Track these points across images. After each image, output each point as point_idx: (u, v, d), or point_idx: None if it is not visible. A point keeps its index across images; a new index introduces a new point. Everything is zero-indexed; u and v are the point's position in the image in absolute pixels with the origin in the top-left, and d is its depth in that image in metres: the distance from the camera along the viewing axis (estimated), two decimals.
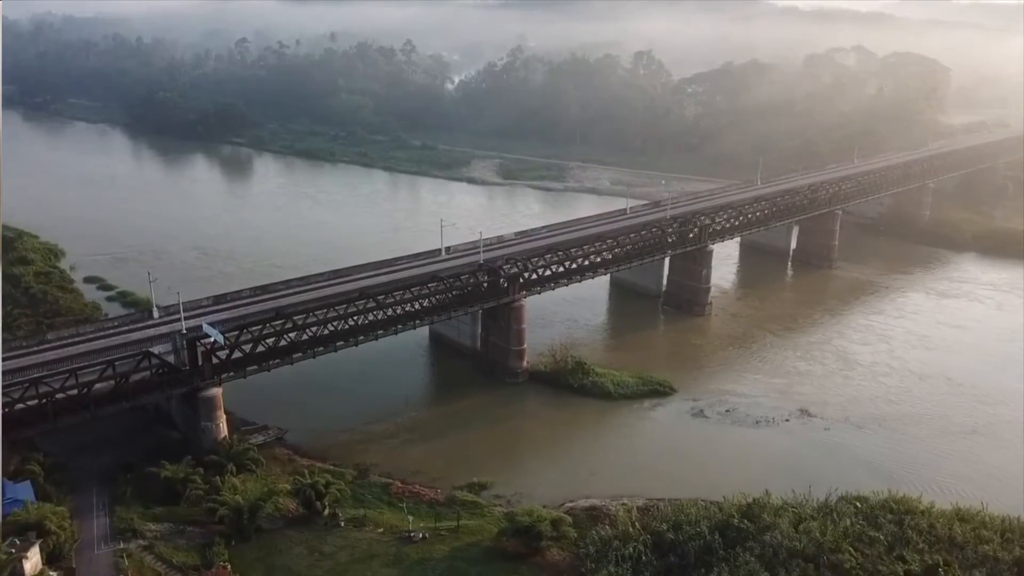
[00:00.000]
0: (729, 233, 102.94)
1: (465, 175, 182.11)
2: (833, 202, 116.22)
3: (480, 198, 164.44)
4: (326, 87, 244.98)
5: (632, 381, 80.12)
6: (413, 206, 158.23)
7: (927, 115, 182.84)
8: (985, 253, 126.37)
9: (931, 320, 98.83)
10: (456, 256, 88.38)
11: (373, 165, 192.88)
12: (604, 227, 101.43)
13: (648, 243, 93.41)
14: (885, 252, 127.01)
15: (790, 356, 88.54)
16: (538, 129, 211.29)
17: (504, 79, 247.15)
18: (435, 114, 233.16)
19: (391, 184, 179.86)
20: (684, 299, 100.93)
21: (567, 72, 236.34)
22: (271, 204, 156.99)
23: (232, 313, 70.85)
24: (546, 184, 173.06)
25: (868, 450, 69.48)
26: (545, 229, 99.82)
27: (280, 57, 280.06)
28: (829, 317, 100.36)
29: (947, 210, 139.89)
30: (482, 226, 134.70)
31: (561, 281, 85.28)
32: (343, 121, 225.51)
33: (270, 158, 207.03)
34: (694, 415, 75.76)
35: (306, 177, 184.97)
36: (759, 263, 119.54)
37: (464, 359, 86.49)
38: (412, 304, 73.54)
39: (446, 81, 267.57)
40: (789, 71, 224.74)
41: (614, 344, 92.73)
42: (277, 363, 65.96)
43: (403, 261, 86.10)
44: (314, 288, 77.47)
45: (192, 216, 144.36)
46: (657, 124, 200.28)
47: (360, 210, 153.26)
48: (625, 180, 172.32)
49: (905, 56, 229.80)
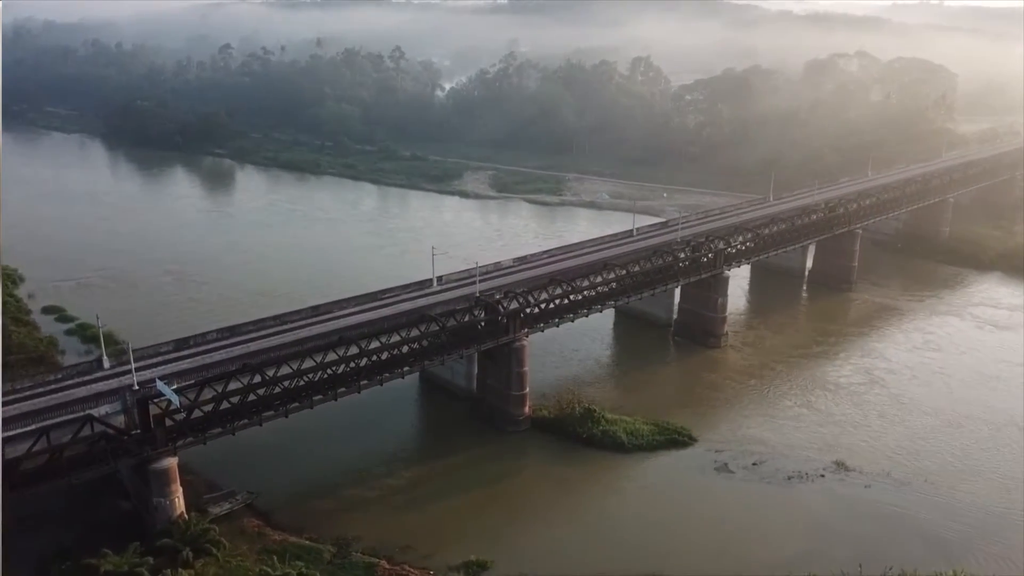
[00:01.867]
0: (745, 257, 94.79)
1: (457, 188, 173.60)
2: (853, 220, 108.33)
3: (473, 213, 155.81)
4: (312, 95, 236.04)
5: (647, 430, 71.72)
6: (419, 224, 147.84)
7: (938, 123, 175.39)
8: (1011, 273, 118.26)
9: (966, 351, 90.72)
10: (449, 287, 79.89)
11: (360, 177, 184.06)
12: (609, 251, 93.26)
13: (659, 271, 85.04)
14: (905, 272, 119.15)
15: (817, 395, 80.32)
16: (533, 139, 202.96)
17: (497, 86, 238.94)
18: (425, 123, 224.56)
19: (380, 198, 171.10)
20: (698, 330, 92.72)
21: (562, 79, 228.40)
22: (262, 223, 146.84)
23: (195, 361, 62.09)
24: (542, 197, 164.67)
25: (920, 514, 61.20)
26: (545, 255, 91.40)
27: (265, 64, 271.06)
28: (854, 348, 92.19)
29: (966, 225, 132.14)
30: (476, 245, 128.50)
31: (566, 316, 76.83)
32: (329, 131, 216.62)
33: (253, 170, 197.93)
34: (718, 470, 67.40)
35: (299, 192, 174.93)
36: (773, 285, 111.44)
37: (458, 403, 77.93)
38: (399, 348, 64.95)
39: (436, 89, 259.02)
40: (792, 77, 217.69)
41: (623, 382, 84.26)
42: (244, 424, 57.25)
43: (390, 294, 77.52)
44: (290, 329, 68.77)
45: (171, 236, 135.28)
46: (657, 133, 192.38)
47: (362, 231, 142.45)
48: (625, 193, 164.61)
49: (910, 61, 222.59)
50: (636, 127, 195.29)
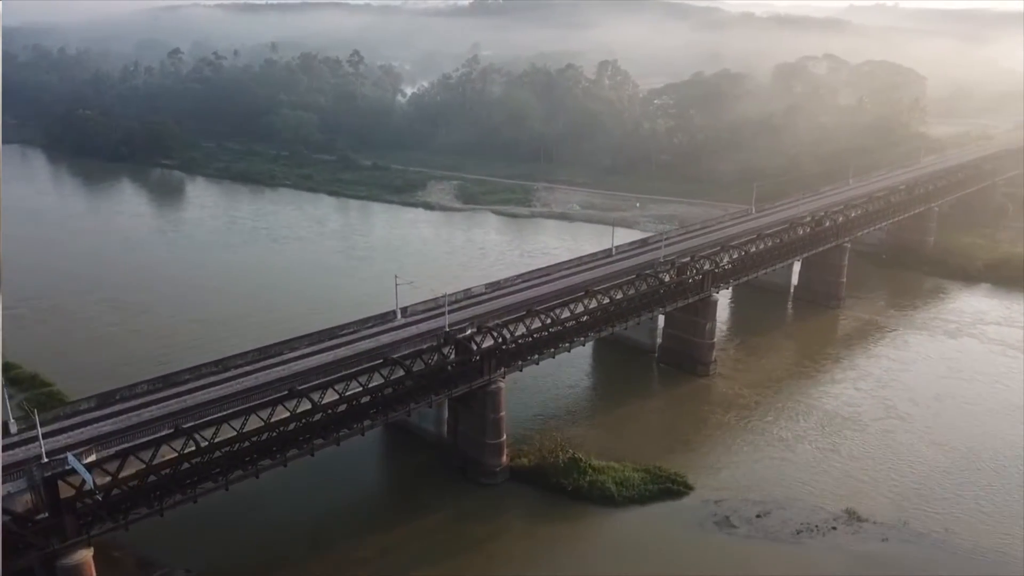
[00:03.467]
0: (734, 277, 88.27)
1: (421, 199, 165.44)
2: (840, 234, 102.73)
3: (439, 228, 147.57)
4: (267, 102, 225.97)
5: (638, 478, 64.61)
6: (391, 241, 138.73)
7: (913, 128, 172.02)
8: (1000, 284, 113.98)
9: (970, 376, 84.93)
10: (415, 320, 72.04)
11: (318, 189, 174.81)
12: (588, 273, 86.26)
13: (644, 296, 78.07)
14: (893, 286, 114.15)
15: (817, 429, 73.97)
16: (499, 146, 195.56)
17: (460, 92, 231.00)
18: (387, 130, 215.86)
19: (341, 212, 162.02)
20: (684, 356, 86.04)
21: (527, 84, 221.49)
22: (222, 243, 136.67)
23: (119, 422, 53.40)
24: (511, 209, 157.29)
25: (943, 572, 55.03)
26: (520, 279, 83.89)
27: (217, 69, 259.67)
28: (850, 373, 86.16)
29: (949, 234, 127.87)
30: (443, 264, 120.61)
31: (546, 351, 69.37)
32: (286, 140, 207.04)
33: (204, 183, 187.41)
34: (719, 524, 60.50)
35: (259, 207, 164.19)
36: (758, 304, 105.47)
37: (427, 450, 70.10)
38: (358, 399, 56.91)
39: (398, 94, 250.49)
40: (761, 82, 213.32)
41: (607, 418, 76.95)
42: (176, 501, 48.81)
43: (348, 330, 69.37)
44: (233, 377, 60.34)
45: (116, 258, 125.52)
46: (627, 140, 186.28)
47: (329, 249, 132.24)
48: (597, 203, 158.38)
49: (879, 65, 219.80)
50: (605, 134, 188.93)
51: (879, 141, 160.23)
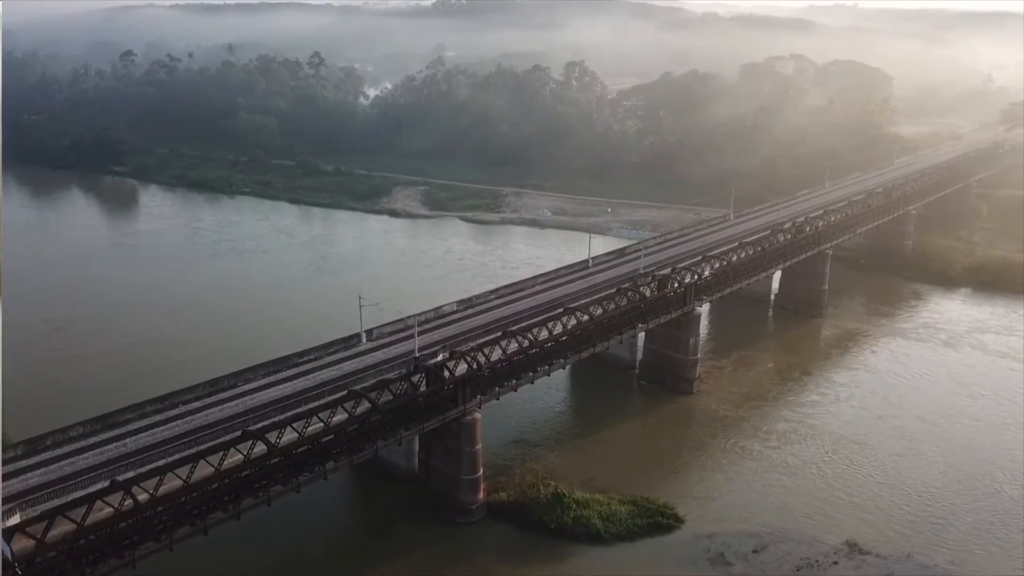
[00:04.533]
0: (717, 289, 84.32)
1: (386, 206, 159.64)
2: (822, 240, 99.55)
3: (411, 238, 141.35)
4: (224, 106, 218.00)
5: (625, 511, 60.14)
6: (363, 252, 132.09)
7: (884, 128, 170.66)
8: (980, 288, 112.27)
9: (961, 387, 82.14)
10: (381, 344, 67.02)
11: (278, 196, 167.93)
12: (565, 288, 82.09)
13: (625, 312, 73.67)
14: (874, 292, 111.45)
15: (809, 451, 70.23)
16: (466, 150, 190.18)
17: (425, 94, 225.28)
18: (349, 134, 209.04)
19: (304, 220, 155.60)
20: (667, 373, 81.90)
21: (494, 86, 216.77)
22: (182, 256, 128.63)
23: (49, 473, 47.65)
24: (480, 215, 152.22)
25: None
26: (493, 295, 79.20)
27: (171, 72, 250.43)
28: (839, 388, 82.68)
29: (925, 236, 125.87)
30: (419, 276, 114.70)
31: (525, 376, 64.52)
32: (243, 145, 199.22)
33: (158, 191, 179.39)
34: (713, 561, 56.32)
35: (221, 217, 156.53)
36: (738, 315, 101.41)
37: (398, 485, 64.81)
38: (320, 439, 51.57)
39: (360, 97, 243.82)
40: (730, 82, 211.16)
41: (588, 443, 72.32)
42: (113, 567, 43.06)
43: (309, 357, 64.09)
44: (181, 415, 54.75)
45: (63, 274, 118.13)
46: (597, 142, 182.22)
47: (300, 263, 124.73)
48: (568, 208, 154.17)
49: (846, 64, 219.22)
50: (575, 136, 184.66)
51: (852, 142, 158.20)
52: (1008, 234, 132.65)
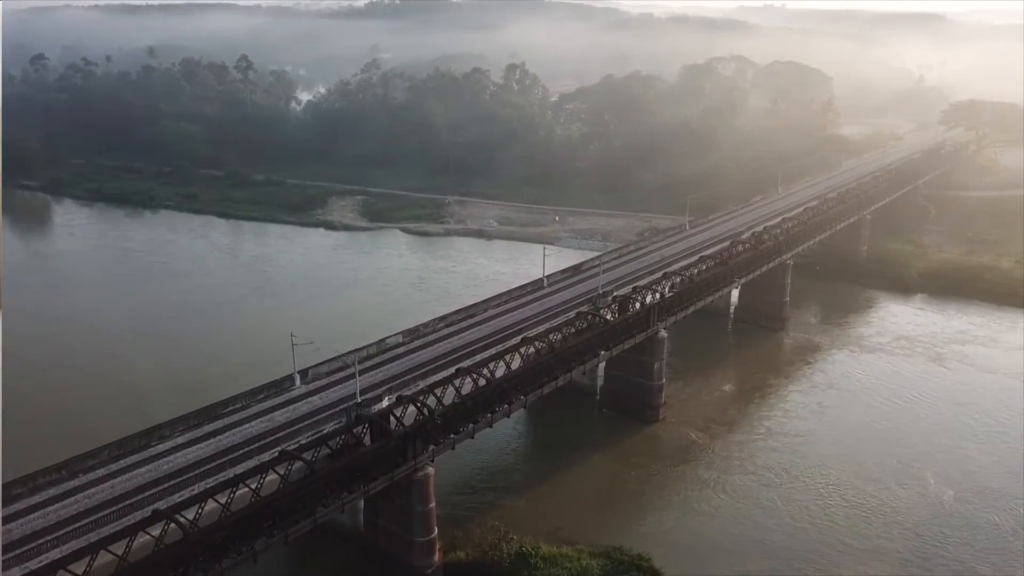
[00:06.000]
0: (681, 307, 79.15)
1: (322, 218, 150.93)
2: (783, 250, 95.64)
3: (356, 254, 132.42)
4: (145, 113, 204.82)
5: (597, 567, 53.93)
6: (321, 274, 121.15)
7: (828, 130, 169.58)
8: (937, 294, 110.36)
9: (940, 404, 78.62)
10: (317, 388, 59.51)
11: (205, 210, 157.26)
12: (519, 311, 75.86)
13: (587, 338, 67.76)
14: (834, 302, 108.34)
15: (787, 482, 65.25)
16: (406, 157, 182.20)
17: (360, 98, 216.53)
18: (281, 141, 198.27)
19: (235, 235, 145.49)
20: (630, 400, 76.44)
21: (432, 89, 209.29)
22: (105, 282, 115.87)
23: None
24: (423, 226, 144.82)
25: None
26: (442, 322, 72.29)
27: (87, 77, 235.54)
28: (811, 409, 78.28)
29: (876, 241, 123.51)
30: (376, 299, 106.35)
31: (482, 418, 57.82)
32: (166, 154, 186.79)
33: (73, 206, 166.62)
34: None
35: (154, 234, 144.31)
36: (697, 330, 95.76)
37: (341, 547, 57.44)
38: (247, 514, 44.05)
39: (292, 102, 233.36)
40: (673, 83, 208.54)
41: (552, 483, 66.11)
42: None
43: (235, 405, 56.20)
44: (80, 487, 46.47)
45: None
46: (540, 148, 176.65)
47: (240, 289, 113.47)
48: (514, 217, 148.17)
49: (786, 65, 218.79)
50: (518, 141, 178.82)
51: (798, 145, 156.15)
52: (956, 236, 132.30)
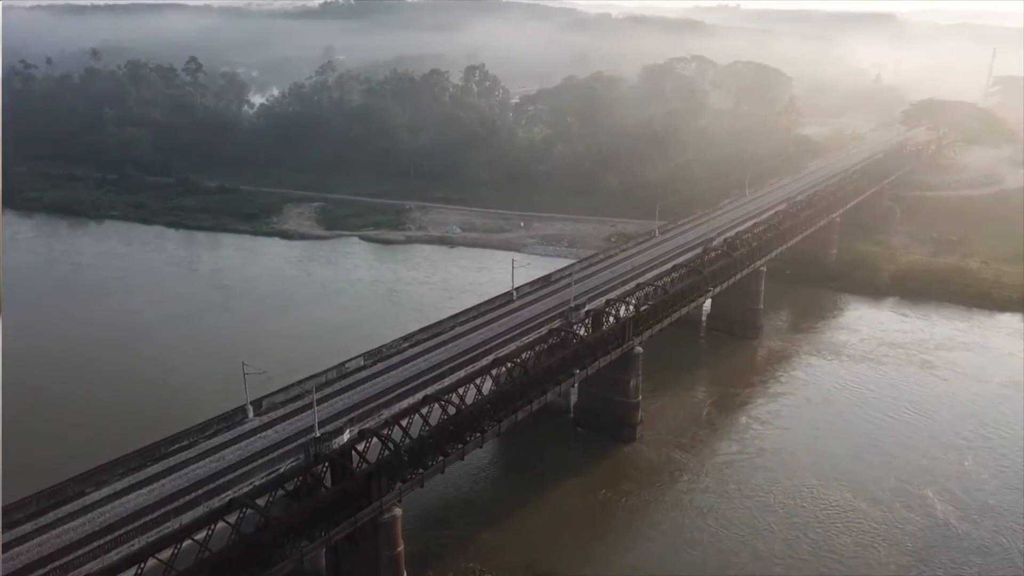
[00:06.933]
0: (656, 320, 75.93)
1: (277, 227, 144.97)
2: (756, 256, 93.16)
3: (308, 264, 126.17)
4: (89, 118, 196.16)
5: None
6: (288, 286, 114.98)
7: (792, 131, 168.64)
8: (908, 297, 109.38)
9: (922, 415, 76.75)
10: (272, 419, 54.83)
11: (154, 220, 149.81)
12: (488, 327, 71.93)
13: (562, 357, 64.06)
14: (806, 308, 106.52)
15: (788, 514, 61.93)
16: (364, 162, 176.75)
17: (316, 101, 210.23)
18: (234, 146, 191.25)
19: (187, 245, 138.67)
20: (606, 419, 73.06)
21: (390, 91, 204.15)
22: (66, 298, 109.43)
23: None
24: (383, 234, 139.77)
25: None
26: (407, 342, 67.96)
27: (27, 81, 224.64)
28: (793, 423, 75.91)
29: (846, 243, 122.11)
30: (321, 317, 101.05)
31: (453, 450, 53.64)
32: (112, 161, 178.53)
33: (13, 217, 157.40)
34: None
35: (120, 248, 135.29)
36: (669, 340, 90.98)
37: None
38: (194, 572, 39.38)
39: (244, 105, 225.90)
40: (634, 84, 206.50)
41: (527, 510, 62.29)
42: None
43: (181, 443, 51.23)
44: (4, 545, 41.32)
45: None
46: (502, 151, 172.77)
47: (208, 309, 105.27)
48: (478, 223, 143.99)
49: (746, 65, 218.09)
50: (479, 145, 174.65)
51: (762, 146, 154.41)
52: (921, 236, 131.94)
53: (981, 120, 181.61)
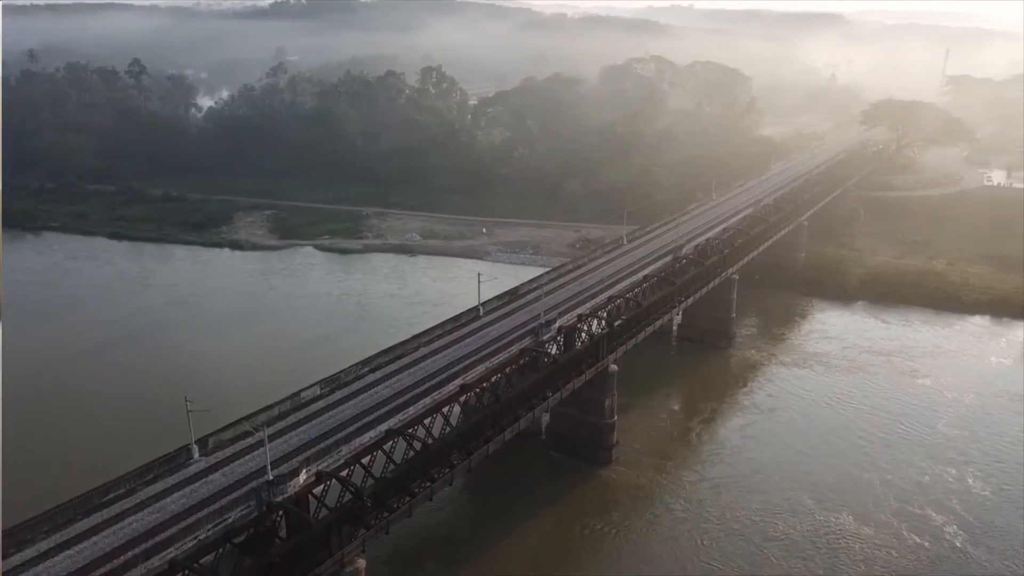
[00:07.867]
0: (630, 335, 72.45)
1: (227, 237, 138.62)
2: (728, 263, 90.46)
3: (272, 278, 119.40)
4: (25, 123, 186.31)
5: None
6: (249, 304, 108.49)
7: (754, 132, 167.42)
8: (877, 300, 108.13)
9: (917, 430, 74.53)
10: (219, 460, 49.70)
11: (95, 231, 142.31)
12: (455, 347, 67.26)
13: (532, 381, 60.12)
14: (777, 314, 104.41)
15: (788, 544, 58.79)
16: (318, 167, 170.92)
17: (267, 104, 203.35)
18: (180, 152, 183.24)
19: (139, 260, 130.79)
20: (580, 441, 69.51)
21: (344, 94, 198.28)
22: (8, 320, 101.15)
23: None
24: (339, 243, 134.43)
25: None
26: (366, 367, 63.20)
27: None
28: (773, 439, 73.18)
29: (813, 247, 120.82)
30: (288, 335, 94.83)
31: (421, 489, 49.26)
32: (51, 169, 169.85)
33: None
34: None
35: (67, 264, 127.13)
36: (639, 352, 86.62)
37: None
38: None
39: (192, 108, 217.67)
40: (594, 86, 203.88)
41: (500, 546, 58.54)
42: None
43: (120, 490, 45.93)
44: None
45: None
46: (462, 155, 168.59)
47: (167, 327, 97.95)
48: (439, 230, 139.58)
49: (705, 66, 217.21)
50: (438, 148, 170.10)
51: (724, 147, 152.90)
52: (886, 238, 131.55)
53: (940, 120, 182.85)
